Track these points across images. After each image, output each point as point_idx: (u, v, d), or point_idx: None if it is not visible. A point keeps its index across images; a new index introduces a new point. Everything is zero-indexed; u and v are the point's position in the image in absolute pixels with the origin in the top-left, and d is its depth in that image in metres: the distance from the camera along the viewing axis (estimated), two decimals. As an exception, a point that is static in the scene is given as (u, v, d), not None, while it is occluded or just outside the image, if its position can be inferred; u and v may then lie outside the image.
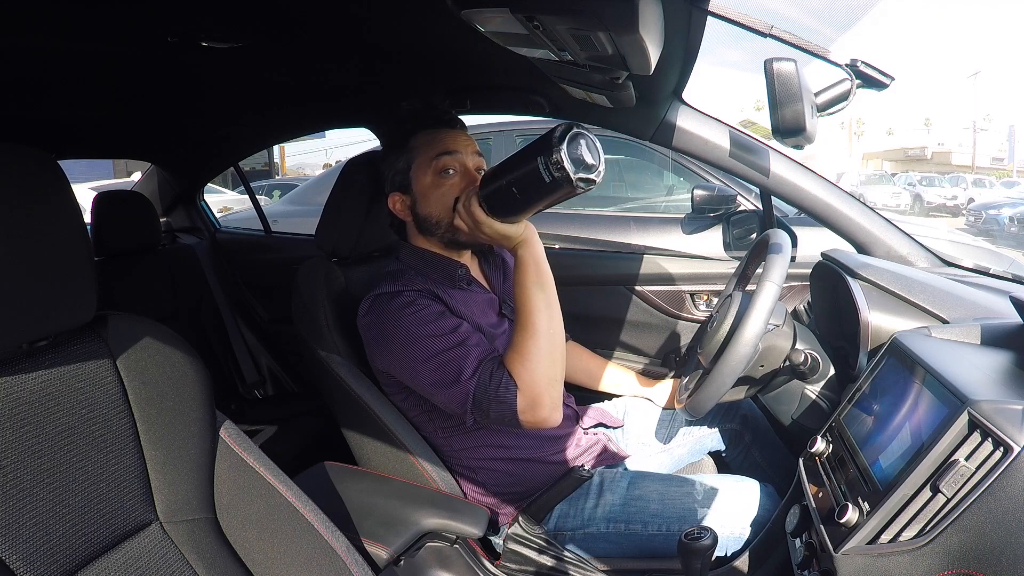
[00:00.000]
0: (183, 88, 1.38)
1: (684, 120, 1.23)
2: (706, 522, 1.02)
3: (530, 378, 0.92)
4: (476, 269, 1.17)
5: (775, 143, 1.02)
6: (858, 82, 0.93)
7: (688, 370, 1.22)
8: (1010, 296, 0.85)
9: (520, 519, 1.03)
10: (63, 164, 0.66)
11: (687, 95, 1.23)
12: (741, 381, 1.08)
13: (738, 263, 1.25)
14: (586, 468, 1.13)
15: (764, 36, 0.85)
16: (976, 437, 0.65)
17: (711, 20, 0.82)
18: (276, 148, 17.09)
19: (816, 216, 1.24)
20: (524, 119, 3.16)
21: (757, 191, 2.08)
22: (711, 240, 2.40)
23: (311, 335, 1.14)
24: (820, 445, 0.90)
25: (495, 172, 0.90)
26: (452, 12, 0.65)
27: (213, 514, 0.75)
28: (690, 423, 1.30)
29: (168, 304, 1.94)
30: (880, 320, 0.98)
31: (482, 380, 0.93)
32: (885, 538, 0.69)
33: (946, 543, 0.65)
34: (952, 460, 0.65)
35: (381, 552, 0.92)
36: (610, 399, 1.38)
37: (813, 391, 1.07)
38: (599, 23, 0.61)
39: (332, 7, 0.91)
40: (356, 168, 1.23)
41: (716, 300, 1.57)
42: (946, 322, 0.96)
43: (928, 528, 0.66)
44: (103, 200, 1.82)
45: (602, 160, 0.84)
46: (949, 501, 0.65)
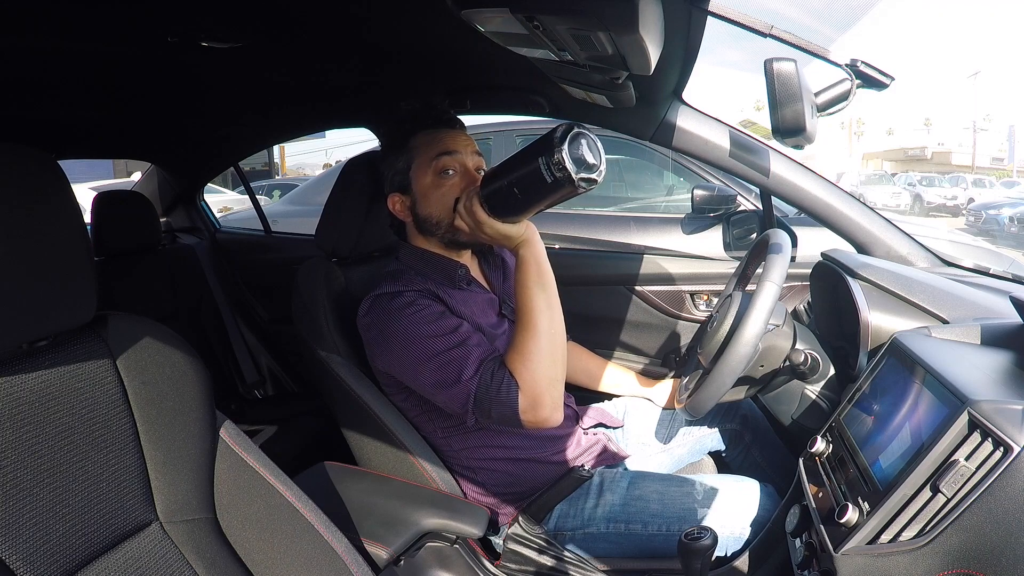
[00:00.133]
0: (183, 88, 1.38)
1: (684, 120, 1.23)
2: (706, 522, 1.02)
3: (531, 378, 0.92)
4: (476, 269, 1.17)
5: (775, 143, 1.02)
6: (858, 82, 0.93)
7: (688, 370, 1.22)
8: (1010, 296, 0.85)
9: (520, 519, 1.03)
10: (63, 164, 0.66)
11: (687, 95, 1.23)
12: (741, 381, 1.08)
13: (738, 263, 1.25)
14: (586, 468, 1.13)
15: (764, 36, 0.85)
16: (976, 437, 0.65)
17: (711, 20, 0.82)
18: (276, 148, 17.09)
19: (816, 216, 1.24)
20: (524, 119, 3.16)
21: (757, 191, 2.08)
22: (711, 240, 2.40)
23: (311, 335, 1.14)
24: (820, 445, 0.90)
25: (496, 172, 0.90)
26: (452, 12, 0.65)
27: (213, 514, 0.75)
28: (690, 423, 1.30)
29: (168, 304, 1.94)
30: (880, 320, 0.98)
31: (483, 380, 0.93)
32: (885, 538, 0.69)
33: (946, 543, 0.65)
34: (952, 460, 0.65)
35: (381, 552, 0.92)
36: (610, 399, 1.38)
37: (813, 391, 1.07)
38: (599, 23, 0.61)
39: (332, 7, 0.90)
40: (356, 168, 1.23)
41: (716, 300, 1.57)
42: (946, 322, 0.96)
43: (928, 528, 0.66)
44: (103, 200, 1.82)
45: (603, 160, 0.84)
46: (949, 501, 0.65)
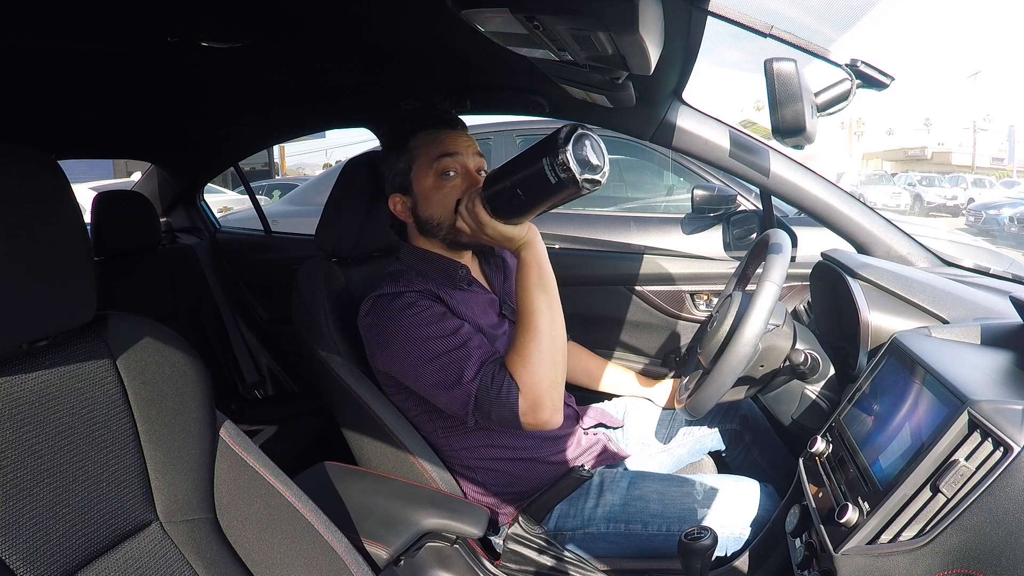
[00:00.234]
0: (183, 88, 1.38)
1: (684, 120, 1.23)
2: (706, 522, 1.02)
3: (532, 380, 0.92)
4: (477, 270, 1.17)
5: (775, 143, 1.02)
6: (858, 82, 0.93)
7: (688, 370, 1.22)
8: (1010, 296, 0.85)
9: (520, 519, 1.03)
10: (63, 164, 0.66)
11: (687, 95, 1.23)
12: (741, 381, 1.08)
13: (738, 263, 1.25)
14: (586, 468, 1.13)
15: (764, 36, 0.85)
16: (976, 437, 0.65)
17: (711, 20, 0.82)
18: (276, 148, 17.09)
19: (816, 216, 1.24)
20: (524, 119, 3.16)
21: (757, 191, 2.08)
22: (711, 240, 2.40)
23: (311, 335, 1.14)
24: (820, 445, 0.90)
25: (499, 173, 0.89)
26: (452, 12, 0.65)
27: (213, 514, 0.75)
28: (690, 423, 1.30)
29: (168, 304, 1.94)
30: (880, 320, 0.98)
31: (484, 382, 0.93)
32: (885, 538, 0.69)
33: (946, 543, 0.65)
34: (952, 460, 0.65)
35: (381, 552, 0.92)
36: (610, 399, 1.38)
37: (813, 391, 1.07)
38: (599, 23, 0.61)
39: (332, 7, 0.90)
40: (356, 168, 1.23)
41: (716, 300, 1.57)
42: (946, 322, 0.96)
43: (928, 528, 0.66)
44: (103, 200, 1.82)
45: (607, 161, 0.84)
46: (949, 501, 0.65)
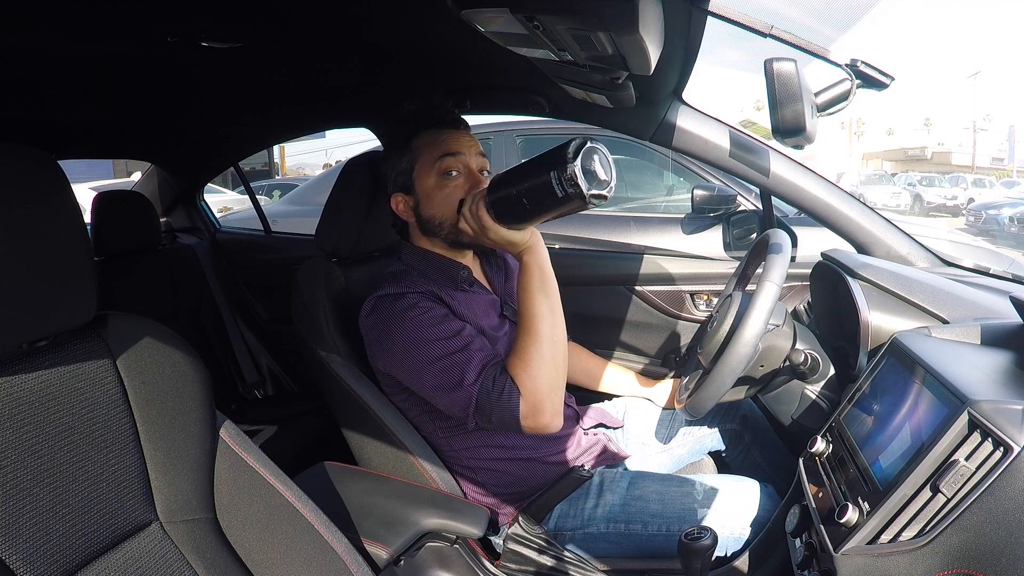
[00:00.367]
0: (183, 88, 1.38)
1: (684, 120, 1.23)
2: (706, 522, 1.02)
3: (533, 384, 0.92)
4: (478, 270, 1.17)
5: (775, 143, 1.02)
6: (858, 82, 0.93)
7: (688, 370, 1.22)
8: (1010, 296, 0.85)
9: (520, 519, 1.03)
10: (63, 164, 0.66)
11: (687, 95, 1.23)
12: (741, 381, 1.08)
13: (738, 263, 1.25)
14: (586, 468, 1.13)
15: (764, 36, 0.85)
16: (976, 437, 0.65)
17: (711, 20, 0.82)
18: (276, 148, 17.09)
19: (816, 216, 1.24)
20: (524, 119, 3.16)
21: (757, 191, 2.08)
22: (711, 240, 2.40)
23: (311, 335, 1.14)
24: (820, 445, 0.90)
25: (505, 179, 0.89)
26: (452, 12, 0.65)
27: (213, 514, 0.75)
28: (690, 423, 1.30)
29: (168, 304, 1.94)
30: (880, 320, 0.98)
31: (485, 385, 0.93)
32: (885, 538, 0.69)
33: (946, 543, 0.65)
34: (952, 460, 0.65)
35: (381, 552, 0.92)
36: (610, 399, 1.38)
37: (813, 391, 1.07)
38: (599, 23, 0.61)
39: (332, 7, 0.90)
40: (356, 168, 1.23)
41: (716, 300, 1.57)
42: (946, 322, 0.96)
43: (928, 528, 0.66)
44: (103, 200, 1.82)
45: (614, 175, 0.83)
46: (949, 501, 0.65)
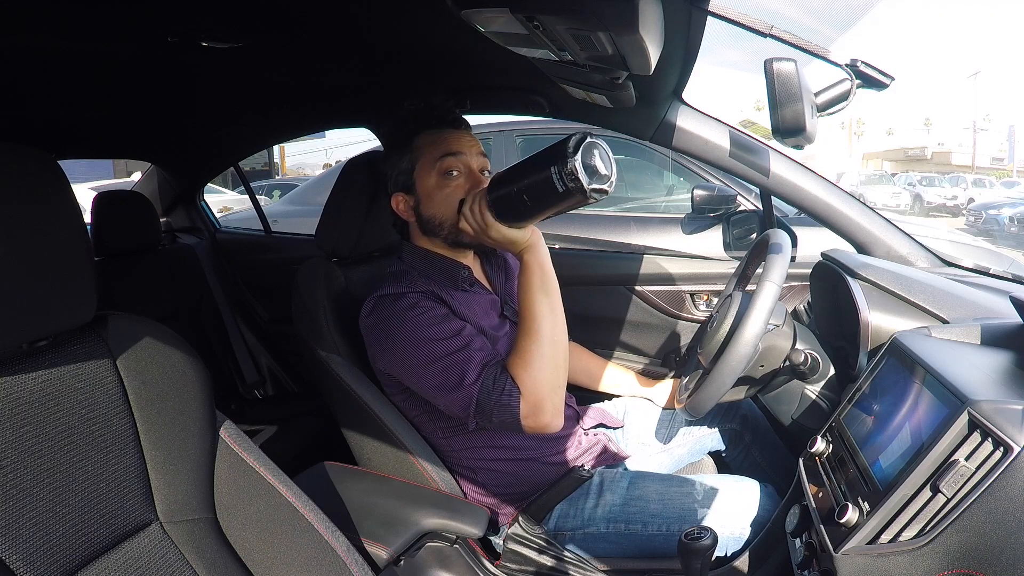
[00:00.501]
0: (183, 88, 1.38)
1: (684, 120, 1.23)
2: (706, 522, 1.02)
3: (533, 384, 0.92)
4: (478, 270, 1.16)
5: (775, 143, 1.02)
6: (858, 82, 0.93)
7: (688, 370, 1.22)
8: (1010, 296, 0.85)
9: (520, 519, 1.03)
10: (63, 164, 0.66)
11: (687, 95, 1.23)
12: (741, 381, 1.08)
13: (738, 263, 1.25)
14: (586, 468, 1.13)
15: (764, 36, 0.85)
16: (976, 437, 0.65)
17: (711, 20, 0.82)
18: (276, 148, 17.09)
19: (816, 216, 1.24)
20: (524, 119, 3.16)
21: (757, 191, 2.08)
22: (711, 240, 2.40)
23: (311, 335, 1.14)
24: (820, 445, 0.90)
25: (505, 177, 0.89)
26: (452, 12, 0.65)
27: (213, 514, 0.75)
28: (690, 423, 1.30)
29: (168, 304, 1.94)
30: (880, 320, 0.98)
31: (485, 385, 0.93)
32: (885, 538, 0.69)
33: (946, 543, 0.65)
34: (952, 460, 0.65)
35: (381, 552, 0.92)
36: (610, 399, 1.38)
37: (813, 391, 1.07)
38: (599, 23, 0.61)
39: (332, 7, 0.91)
40: (356, 168, 1.23)
41: (716, 300, 1.57)
42: (946, 322, 0.96)
43: (928, 528, 0.66)
44: (103, 200, 1.82)
45: (614, 170, 0.83)
46: (949, 501, 0.65)
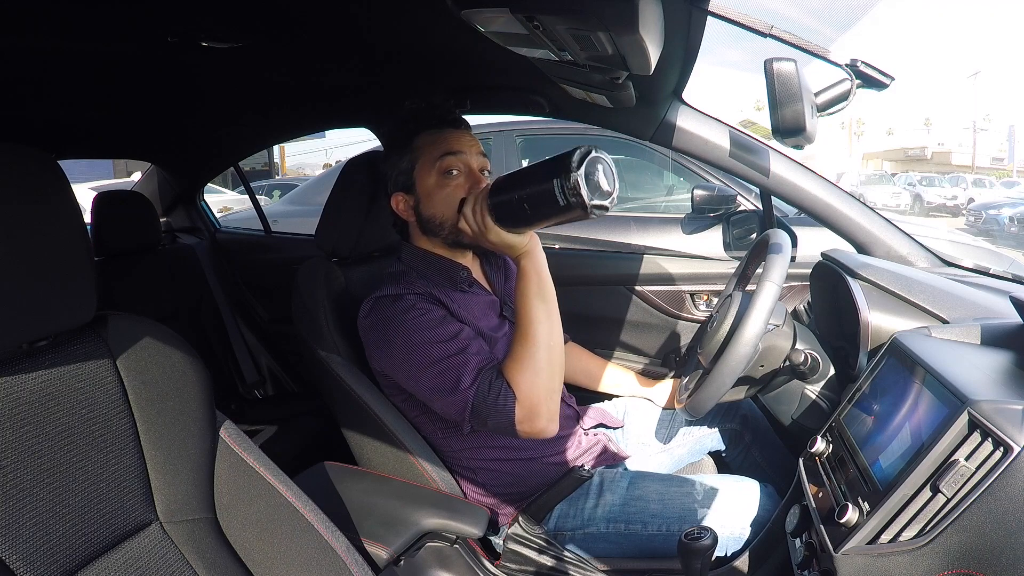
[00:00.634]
0: (183, 88, 1.38)
1: (684, 120, 1.23)
2: (706, 522, 1.02)
3: (529, 389, 0.92)
4: (478, 270, 1.17)
5: (775, 143, 1.02)
6: (858, 82, 0.93)
7: (688, 370, 1.22)
8: (1010, 296, 0.85)
9: (520, 519, 1.03)
10: (63, 164, 0.66)
11: (687, 95, 1.23)
12: (741, 381, 1.08)
13: (738, 263, 1.25)
14: (586, 468, 1.13)
15: (764, 36, 0.85)
16: (976, 437, 0.65)
17: (711, 20, 0.82)
18: (276, 148, 17.09)
19: (816, 216, 1.24)
20: (524, 119, 3.16)
21: (757, 191, 2.08)
22: (711, 240, 2.39)
23: (311, 335, 1.14)
24: (820, 445, 0.90)
25: (507, 183, 0.88)
26: (452, 12, 0.65)
27: (213, 514, 0.75)
28: (690, 423, 1.30)
29: (168, 304, 1.94)
30: (880, 320, 0.98)
31: (481, 389, 0.93)
32: (885, 538, 0.69)
33: (946, 543, 0.65)
34: (952, 460, 0.65)
35: (381, 552, 0.92)
36: (610, 399, 1.38)
37: (813, 391, 1.07)
38: (599, 23, 0.61)
39: (332, 7, 0.91)
40: (356, 168, 1.23)
41: (716, 300, 1.57)
42: (946, 322, 0.96)
43: (928, 528, 0.66)
44: (103, 200, 1.82)
45: (617, 186, 0.83)
46: (949, 501, 0.65)
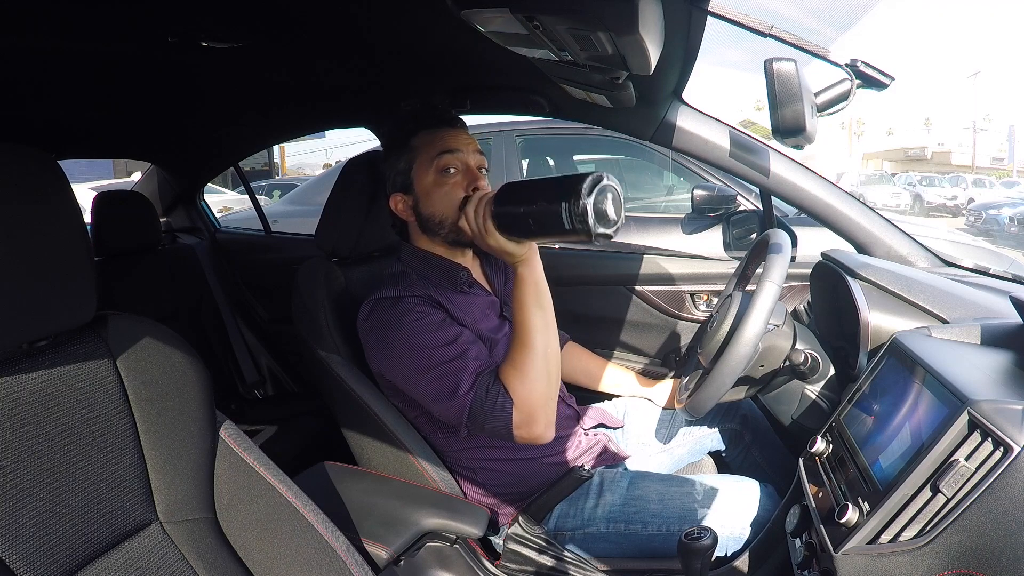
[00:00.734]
0: (183, 88, 1.38)
1: (684, 120, 1.23)
2: (706, 522, 1.02)
3: (528, 395, 0.92)
4: (478, 271, 1.17)
5: (775, 143, 1.02)
6: (858, 82, 0.93)
7: (688, 370, 1.22)
8: (1010, 296, 0.85)
9: (520, 519, 1.03)
10: (63, 164, 0.66)
11: (687, 95, 1.23)
12: (741, 381, 1.08)
13: (738, 263, 1.25)
14: (586, 468, 1.13)
15: (764, 36, 0.85)
16: (976, 437, 0.65)
17: (711, 20, 0.82)
18: (276, 148, 17.10)
19: (816, 216, 1.24)
20: (524, 119, 3.16)
21: (757, 191, 2.08)
22: (711, 240, 2.39)
23: (311, 335, 1.14)
24: (820, 445, 0.90)
25: (515, 195, 0.88)
26: (452, 12, 0.65)
27: (213, 514, 0.75)
28: (690, 423, 1.30)
29: (168, 304, 1.94)
30: (880, 320, 0.98)
31: (478, 395, 0.93)
32: (885, 538, 0.69)
33: (946, 543, 0.65)
34: (952, 460, 0.65)
35: (381, 552, 0.92)
36: (610, 399, 1.38)
37: (813, 391, 1.07)
38: (599, 23, 0.61)
39: (332, 7, 0.90)
40: (356, 168, 1.23)
41: (716, 300, 1.57)
42: (946, 322, 0.96)
43: (928, 528, 0.66)
44: (103, 200, 1.82)
45: (623, 216, 0.83)
46: (949, 501, 0.65)
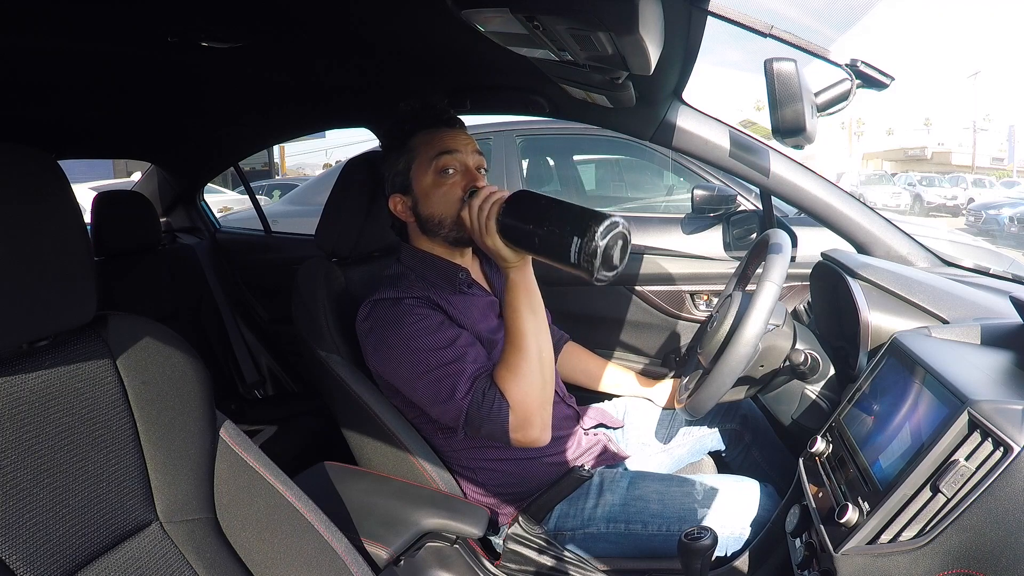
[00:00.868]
0: (183, 88, 1.38)
1: (684, 120, 1.23)
2: (706, 522, 1.02)
3: (523, 398, 0.93)
4: (477, 271, 1.17)
5: (775, 143, 1.02)
6: (858, 82, 0.93)
7: (688, 370, 1.22)
8: (1010, 296, 0.85)
9: (520, 519, 1.03)
10: (63, 164, 0.66)
11: (687, 95, 1.23)
12: (741, 381, 1.08)
13: (738, 263, 1.25)
14: (586, 468, 1.13)
15: (764, 36, 0.85)
16: (976, 437, 0.65)
17: (711, 20, 0.82)
18: (276, 148, 17.10)
19: (816, 216, 1.24)
20: (524, 119, 3.15)
21: (757, 191, 2.08)
22: (711, 240, 2.39)
23: (311, 335, 1.14)
24: (820, 445, 0.90)
25: (528, 211, 0.88)
26: (452, 12, 0.65)
27: (213, 514, 0.75)
28: (690, 423, 1.30)
29: (168, 304, 1.94)
30: (880, 320, 0.98)
31: (475, 399, 0.94)
32: (885, 538, 0.69)
33: (946, 543, 0.65)
34: (952, 460, 0.65)
35: (381, 552, 0.92)
36: (610, 399, 1.38)
37: (813, 391, 1.07)
38: (599, 23, 0.61)
39: (332, 7, 0.90)
40: (356, 168, 1.23)
41: (716, 300, 1.57)
42: (946, 322, 0.96)
43: (928, 528, 0.66)
44: (103, 200, 1.82)
45: (624, 264, 0.84)
46: (949, 501, 0.65)
